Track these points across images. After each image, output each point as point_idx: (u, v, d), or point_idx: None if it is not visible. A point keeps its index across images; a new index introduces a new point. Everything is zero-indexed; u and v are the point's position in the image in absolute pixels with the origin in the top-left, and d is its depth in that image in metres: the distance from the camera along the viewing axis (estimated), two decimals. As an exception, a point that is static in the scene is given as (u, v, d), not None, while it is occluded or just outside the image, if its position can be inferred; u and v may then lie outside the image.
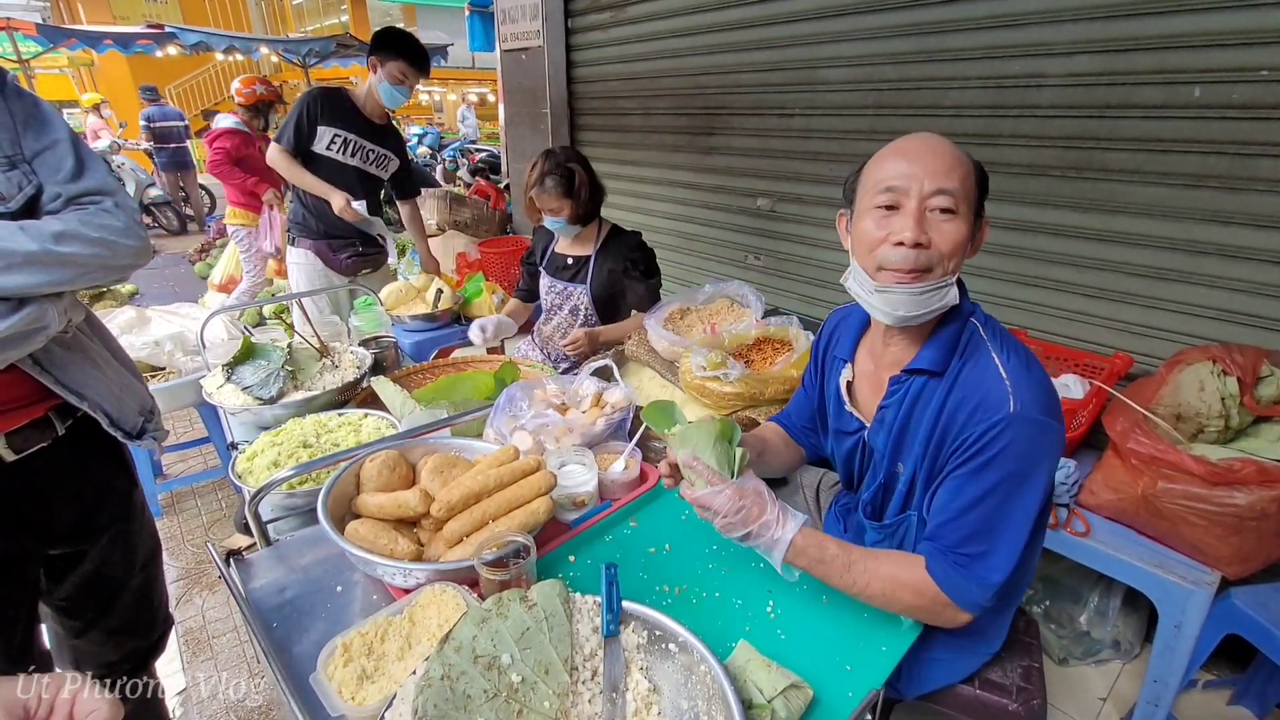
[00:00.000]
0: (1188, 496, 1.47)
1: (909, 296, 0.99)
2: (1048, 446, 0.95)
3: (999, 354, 0.99)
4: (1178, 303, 1.93)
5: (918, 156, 0.98)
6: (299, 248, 2.78)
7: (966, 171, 0.98)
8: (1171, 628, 1.55)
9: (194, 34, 7.44)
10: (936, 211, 0.96)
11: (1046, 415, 0.94)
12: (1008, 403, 0.93)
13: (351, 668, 0.86)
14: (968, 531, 0.97)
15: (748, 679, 0.87)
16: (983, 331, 1.03)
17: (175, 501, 2.80)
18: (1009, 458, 0.93)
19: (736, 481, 1.02)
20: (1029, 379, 0.96)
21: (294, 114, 2.56)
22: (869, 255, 1.02)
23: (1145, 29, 1.83)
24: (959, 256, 0.98)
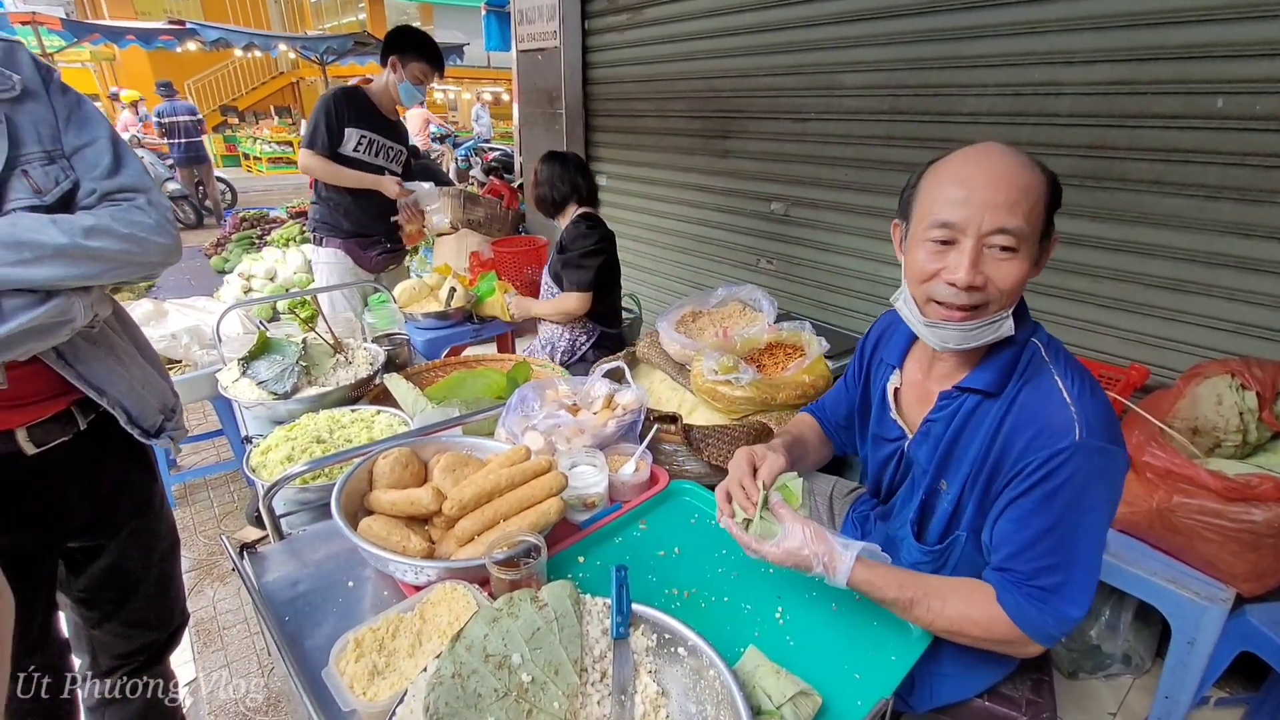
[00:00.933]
0: (1203, 512, 1.45)
1: (959, 332, 0.96)
2: (1113, 474, 0.92)
3: (1062, 378, 0.95)
4: (1196, 315, 1.91)
5: (978, 187, 0.89)
6: (328, 247, 2.81)
7: (1035, 199, 0.89)
8: (1185, 644, 1.53)
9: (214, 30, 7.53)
10: (996, 249, 0.89)
11: (1112, 443, 0.91)
12: (1073, 430, 0.89)
13: (363, 663, 0.86)
14: (1039, 563, 0.92)
15: (756, 685, 0.87)
16: (1044, 353, 0.99)
17: (188, 493, 2.83)
18: (1076, 486, 0.89)
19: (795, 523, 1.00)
20: (1093, 404, 0.92)
21: (319, 118, 2.57)
22: (919, 286, 0.97)
23: (1168, 38, 1.81)
24: (1017, 289, 0.93)
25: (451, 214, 4.31)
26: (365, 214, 2.78)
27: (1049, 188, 0.92)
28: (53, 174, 1.00)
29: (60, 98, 1.04)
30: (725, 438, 1.58)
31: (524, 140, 4.69)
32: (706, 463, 1.59)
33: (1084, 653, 1.94)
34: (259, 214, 7.19)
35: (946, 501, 1.08)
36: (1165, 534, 1.55)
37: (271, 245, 5.95)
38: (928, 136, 2.41)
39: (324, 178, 2.66)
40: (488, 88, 18.67)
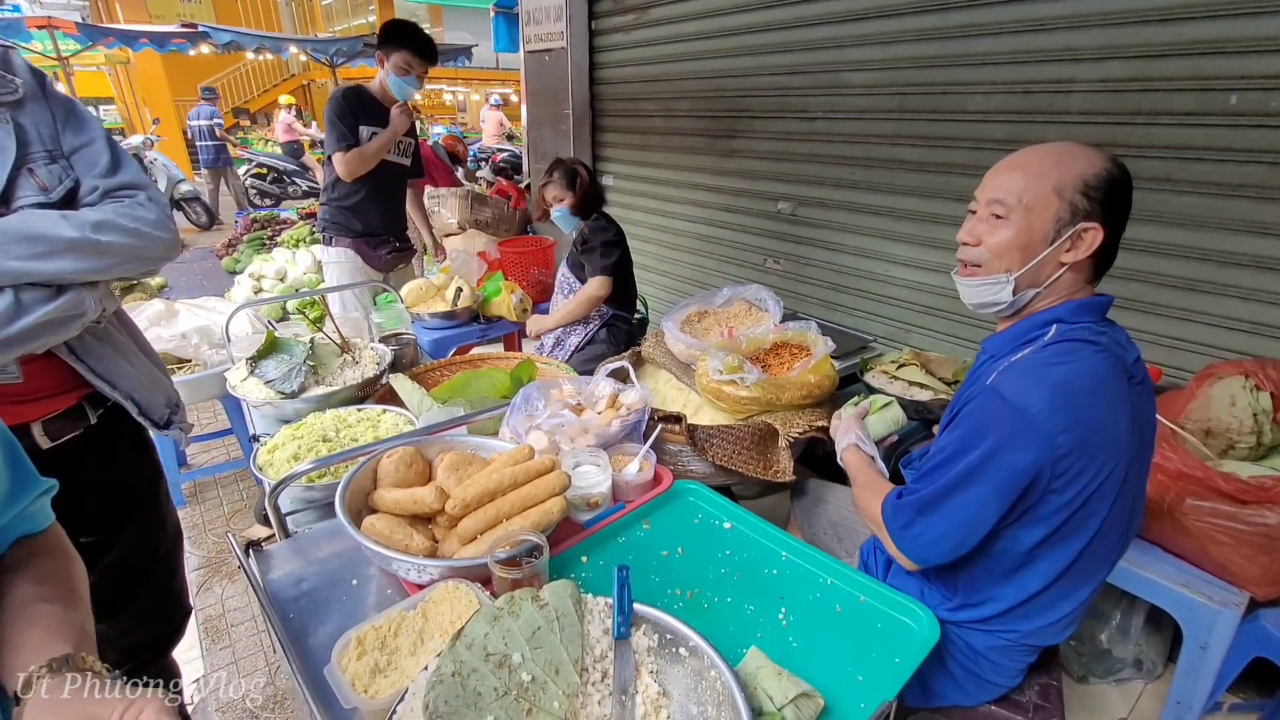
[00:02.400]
0: (1217, 514, 1.43)
1: (965, 287, 1.11)
2: (1000, 426, 0.97)
3: (1036, 349, 1.01)
4: (1210, 315, 1.88)
5: (997, 168, 1.06)
6: (337, 246, 2.82)
7: (1039, 178, 1.00)
8: (1197, 648, 1.51)
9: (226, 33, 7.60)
10: (991, 216, 1.04)
11: (1013, 398, 0.96)
12: (990, 378, 1.00)
13: (365, 661, 0.87)
14: (919, 474, 1.08)
15: (758, 686, 0.86)
16: (1054, 332, 1.02)
17: (198, 491, 2.86)
18: (965, 420, 1.02)
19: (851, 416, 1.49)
20: (1030, 372, 0.98)
21: (334, 119, 2.59)
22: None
23: (1179, 34, 1.79)
24: (1012, 255, 1.03)
25: (459, 214, 4.33)
26: (376, 213, 2.79)
27: (1083, 177, 0.98)
28: (55, 173, 1.03)
29: (56, 101, 1.06)
30: (730, 438, 1.58)
31: (532, 141, 4.71)
32: (711, 463, 1.59)
33: (1094, 657, 1.92)
34: (269, 215, 7.26)
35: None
36: (1177, 537, 1.53)
37: (282, 246, 6.00)
38: (935, 135, 2.40)
39: (362, 168, 2.64)
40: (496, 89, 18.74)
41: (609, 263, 2.52)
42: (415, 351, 2.25)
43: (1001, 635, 1.13)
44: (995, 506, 0.99)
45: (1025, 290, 1.05)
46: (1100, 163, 0.99)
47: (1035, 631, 1.13)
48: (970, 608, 1.14)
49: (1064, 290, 1.05)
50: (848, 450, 1.38)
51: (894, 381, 2.13)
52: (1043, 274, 1.03)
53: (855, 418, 1.49)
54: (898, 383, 2.12)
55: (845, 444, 1.40)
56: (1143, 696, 1.89)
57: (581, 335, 2.64)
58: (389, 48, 2.60)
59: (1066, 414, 0.93)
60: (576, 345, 2.64)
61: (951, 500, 1.02)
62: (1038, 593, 1.08)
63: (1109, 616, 1.90)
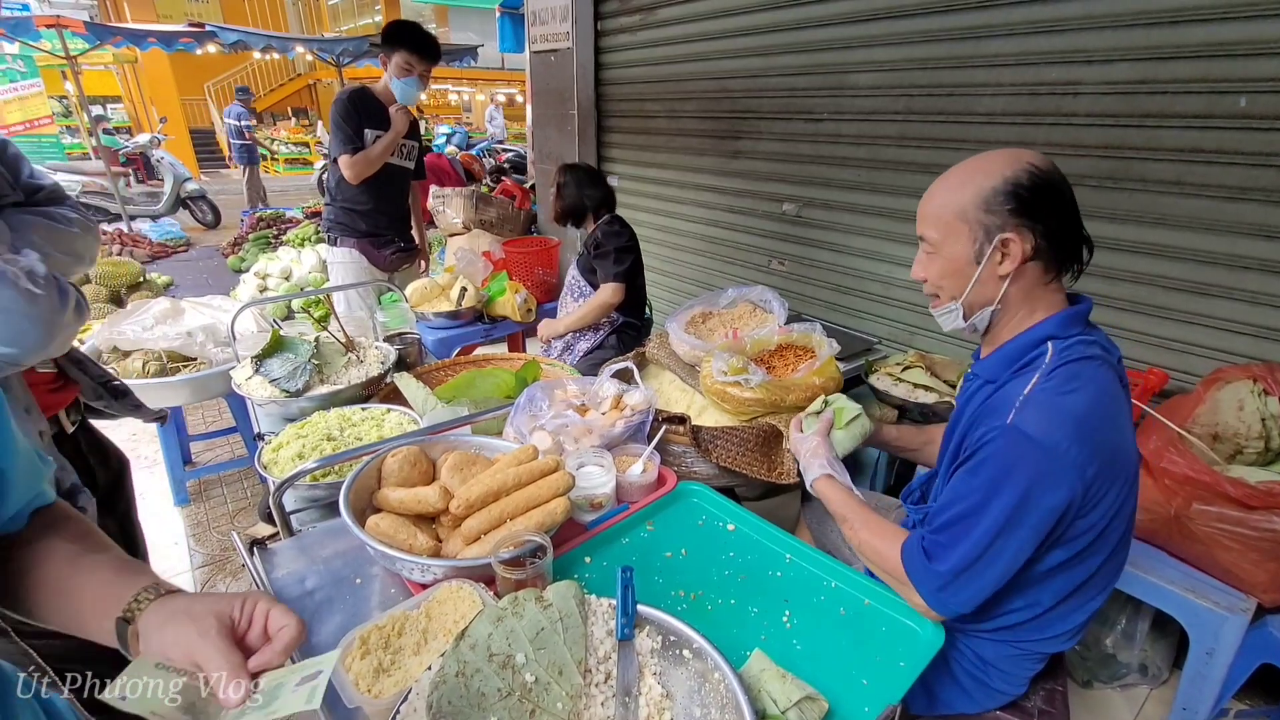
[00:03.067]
0: (1223, 519, 1.42)
1: (936, 316, 1.16)
2: (1030, 467, 0.92)
3: (1043, 376, 0.98)
4: (1218, 319, 1.87)
5: (922, 200, 1.12)
6: (342, 247, 2.82)
7: (942, 210, 1.06)
8: (1203, 654, 1.50)
9: (233, 33, 7.61)
10: (925, 253, 1.12)
11: (1040, 436, 0.92)
12: (1008, 413, 0.96)
13: (369, 660, 0.87)
14: (943, 523, 1.01)
15: (762, 689, 0.86)
16: (1051, 354, 1.01)
17: (202, 489, 2.87)
18: (991, 464, 0.97)
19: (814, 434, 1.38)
20: (1049, 400, 0.95)
21: (340, 122, 2.58)
22: None
23: (1188, 36, 1.78)
24: (949, 283, 1.09)
25: (464, 214, 4.33)
26: (380, 213, 2.80)
27: (981, 195, 1.01)
28: None
29: None
30: (734, 439, 1.57)
31: (537, 141, 4.71)
32: (714, 464, 1.58)
33: (1099, 662, 1.91)
34: (275, 214, 7.28)
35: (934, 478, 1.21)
36: (1184, 542, 1.52)
37: (287, 245, 6.02)
38: (942, 137, 2.39)
39: (368, 170, 2.65)
40: (502, 89, 18.77)
41: (622, 269, 2.51)
42: (420, 351, 2.25)
43: (1011, 645, 1.13)
44: (1031, 547, 0.96)
45: (980, 311, 1.08)
46: (1004, 172, 0.99)
47: (1045, 641, 1.12)
48: (980, 620, 1.13)
49: (1030, 300, 1.05)
50: (820, 480, 1.28)
51: (899, 384, 2.12)
52: (988, 292, 1.06)
53: (822, 438, 1.37)
54: (903, 384, 2.12)
55: (816, 474, 1.29)
56: (1148, 702, 1.88)
57: (591, 341, 2.63)
58: (390, 49, 2.59)
59: (1092, 444, 0.92)
60: (586, 350, 2.62)
61: (989, 554, 0.96)
62: (1051, 607, 1.08)
63: (1114, 621, 1.89)
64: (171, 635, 0.59)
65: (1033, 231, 1.00)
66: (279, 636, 0.61)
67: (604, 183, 2.64)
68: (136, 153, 9.34)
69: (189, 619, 0.60)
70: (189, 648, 0.58)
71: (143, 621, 0.60)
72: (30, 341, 0.94)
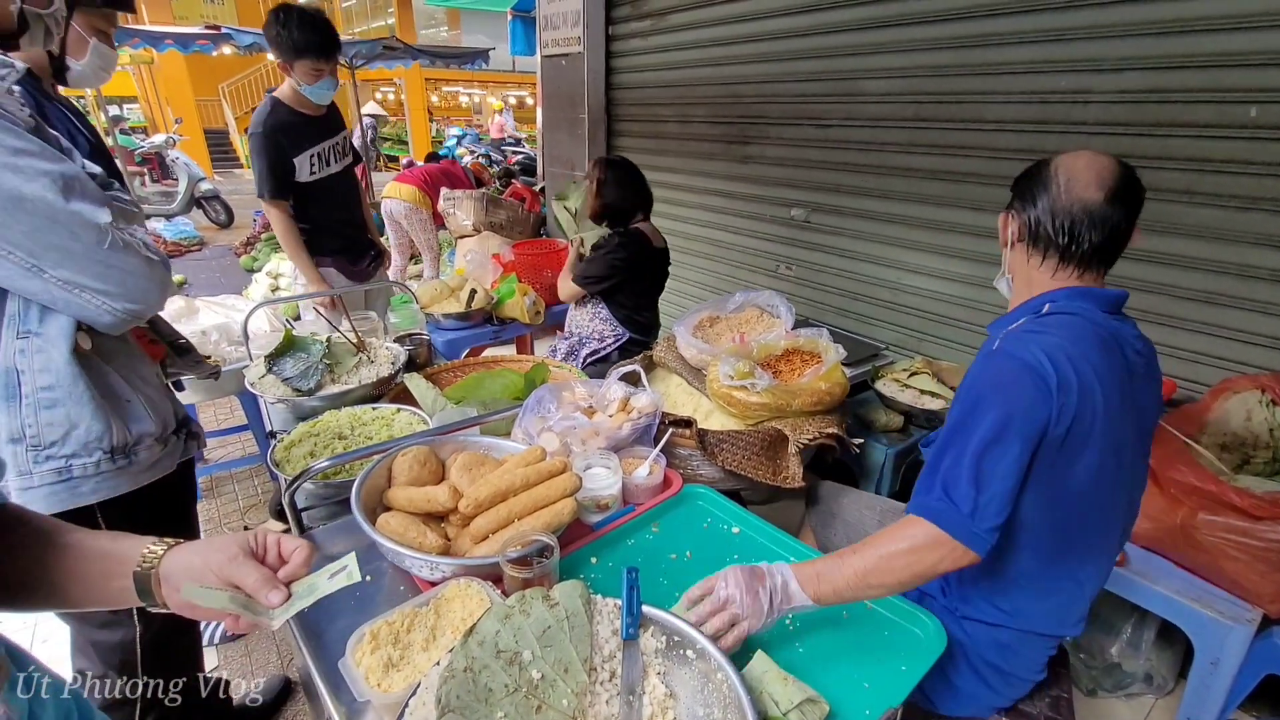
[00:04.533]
0: (1229, 530, 1.42)
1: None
2: (1009, 379, 0.99)
3: (1031, 320, 1.07)
4: (1226, 328, 1.86)
5: None
6: (321, 266, 2.60)
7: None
8: (1208, 664, 1.49)
9: (248, 35, 7.70)
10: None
11: (1017, 352, 1.00)
12: (992, 343, 1.06)
13: (378, 655, 0.88)
14: (941, 457, 1.03)
15: (764, 690, 0.87)
16: (1045, 310, 1.08)
17: (214, 486, 2.90)
18: (972, 385, 1.04)
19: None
20: (1028, 333, 1.03)
21: (264, 164, 2.33)
22: None
23: (1199, 46, 1.78)
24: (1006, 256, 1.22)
25: (474, 217, 4.37)
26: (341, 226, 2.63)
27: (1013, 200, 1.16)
28: None
29: None
30: (740, 443, 1.59)
31: (547, 144, 4.74)
32: (720, 468, 1.59)
33: (1104, 670, 1.90)
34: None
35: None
36: (1190, 551, 1.52)
37: (299, 245, 6.07)
38: (951, 144, 2.39)
39: (279, 236, 2.46)
40: (512, 92, 18.87)
41: (592, 279, 2.48)
42: (429, 352, 2.27)
43: (1010, 627, 1.13)
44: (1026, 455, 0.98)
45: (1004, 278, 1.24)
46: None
47: (1043, 617, 1.13)
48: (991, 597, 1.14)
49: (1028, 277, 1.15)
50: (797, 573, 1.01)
51: (905, 390, 2.13)
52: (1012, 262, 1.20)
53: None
54: (909, 391, 2.12)
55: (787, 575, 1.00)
56: (1153, 712, 1.88)
57: (595, 355, 2.59)
58: (286, 54, 2.27)
59: (1067, 370, 0.98)
60: (588, 358, 2.57)
61: (988, 461, 0.98)
62: (1034, 570, 1.10)
63: (1119, 630, 1.88)
64: (200, 566, 0.67)
65: (1022, 211, 1.13)
66: (296, 554, 0.72)
67: (644, 182, 2.53)
68: (152, 153, 9.46)
69: (214, 550, 0.68)
70: (221, 571, 0.67)
71: (165, 566, 0.67)
72: (152, 299, 1.12)
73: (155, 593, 0.68)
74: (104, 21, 1.56)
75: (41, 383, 1.07)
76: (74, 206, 0.98)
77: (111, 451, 1.14)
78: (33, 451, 1.09)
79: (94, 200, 1.02)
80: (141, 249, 1.09)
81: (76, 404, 1.09)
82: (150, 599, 0.68)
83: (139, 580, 0.67)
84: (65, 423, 1.09)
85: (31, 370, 1.06)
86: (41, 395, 1.07)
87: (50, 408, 1.08)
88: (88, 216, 1.00)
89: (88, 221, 1.00)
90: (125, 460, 1.17)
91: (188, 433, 1.35)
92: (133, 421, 1.18)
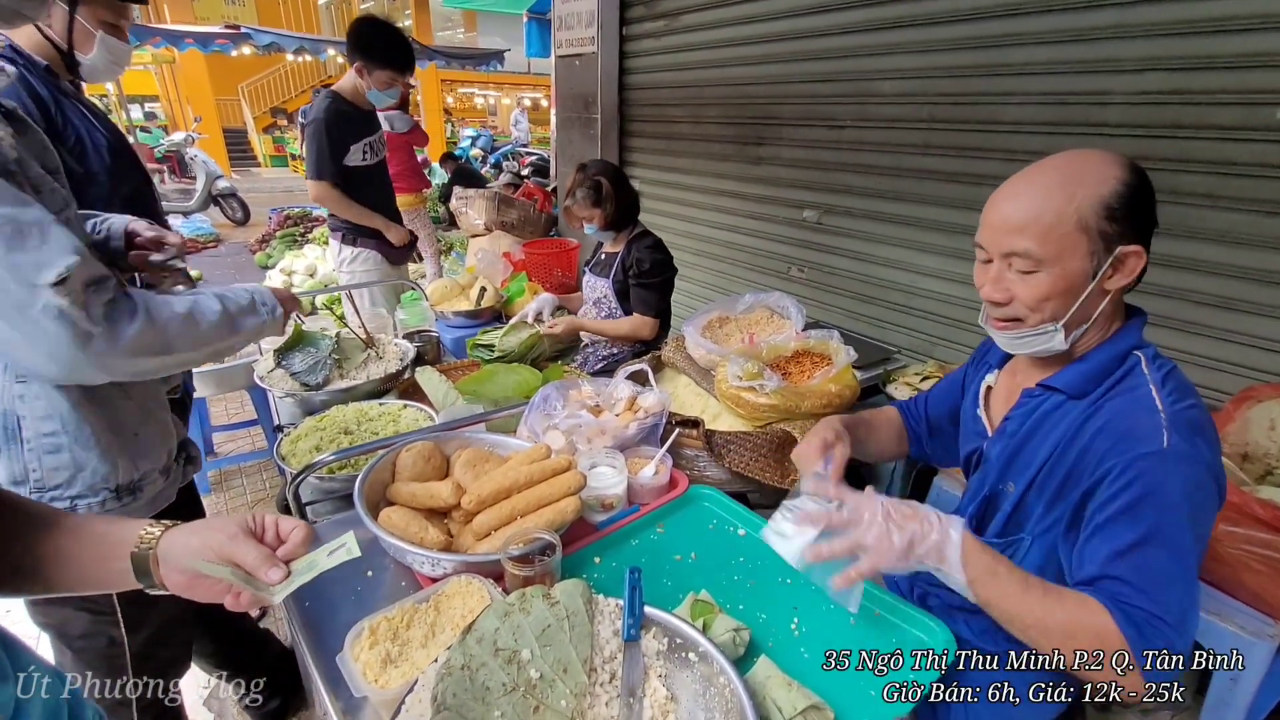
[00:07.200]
0: (1251, 542, 1.38)
1: (1006, 339, 1.01)
2: (1195, 487, 0.85)
3: (1159, 387, 0.91)
4: (1249, 335, 1.82)
5: (999, 208, 0.95)
6: (361, 249, 2.83)
7: (1054, 220, 0.89)
8: (1227, 681, 1.45)
9: (267, 35, 7.81)
10: (1017, 269, 0.94)
11: (1195, 454, 0.85)
12: (1160, 435, 0.85)
13: (377, 650, 0.87)
14: (1133, 582, 0.83)
15: (767, 696, 0.85)
16: (1145, 365, 0.95)
17: (223, 479, 2.92)
18: (1163, 498, 0.84)
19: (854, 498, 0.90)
20: (1188, 415, 0.88)
21: (320, 146, 2.53)
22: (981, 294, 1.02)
23: (1223, 46, 1.74)
24: (1054, 304, 0.93)
25: (486, 216, 4.38)
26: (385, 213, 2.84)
27: (1102, 200, 0.88)
28: None
29: None
30: (747, 445, 1.57)
31: (560, 145, 4.75)
32: (727, 469, 1.57)
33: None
34: (302, 212, 7.42)
35: (1008, 502, 1.04)
36: (1209, 564, 1.48)
37: (313, 243, 6.13)
38: (967, 145, 2.36)
39: (339, 211, 2.69)
40: (527, 93, 18.96)
41: (665, 305, 2.37)
42: (438, 349, 2.27)
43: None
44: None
45: (1076, 329, 0.96)
46: (1112, 174, 0.89)
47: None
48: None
49: (1115, 312, 0.99)
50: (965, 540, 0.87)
51: (917, 394, 2.10)
52: (1090, 309, 0.94)
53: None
54: (921, 395, 2.09)
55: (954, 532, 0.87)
56: (1169, 728, 1.83)
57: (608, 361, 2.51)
58: (372, 63, 2.50)
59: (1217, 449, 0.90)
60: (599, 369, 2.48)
61: (1189, 582, 0.84)
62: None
63: (1135, 643, 1.84)
64: (199, 545, 0.68)
65: (1143, 242, 0.91)
66: (294, 535, 0.74)
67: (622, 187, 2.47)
68: (172, 151, 9.59)
69: (213, 530, 0.70)
70: (220, 550, 0.68)
71: (164, 546, 0.68)
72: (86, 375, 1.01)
73: (153, 573, 0.68)
74: (112, 14, 1.56)
75: (45, 429, 1.04)
76: (14, 259, 0.86)
77: (117, 490, 1.12)
78: (37, 493, 1.06)
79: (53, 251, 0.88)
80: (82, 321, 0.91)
81: (83, 448, 1.07)
82: (148, 580, 0.68)
83: (137, 561, 0.68)
84: (70, 466, 1.07)
85: (33, 416, 1.03)
86: (44, 440, 1.04)
87: (54, 452, 1.05)
88: (25, 273, 0.87)
89: (24, 278, 0.87)
90: (130, 498, 1.15)
91: (186, 456, 1.33)
92: (140, 457, 1.16)
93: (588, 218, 2.33)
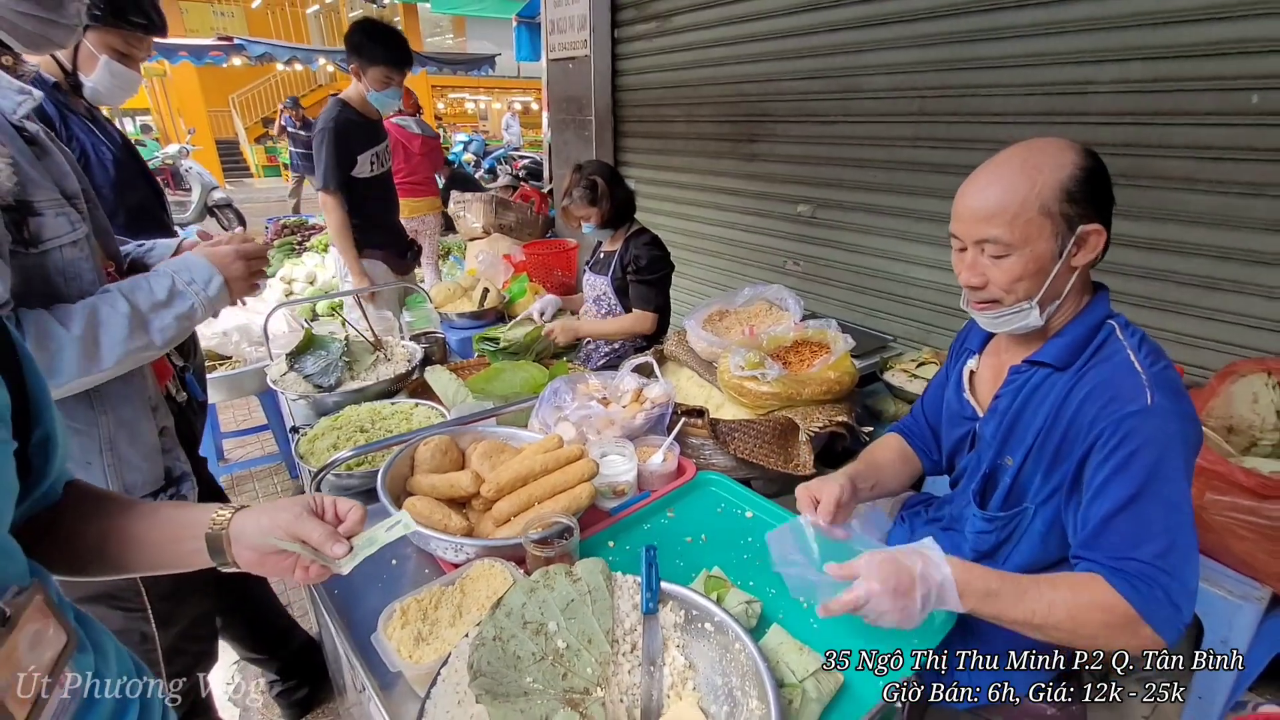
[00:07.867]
0: (1237, 509, 1.43)
1: (987, 319, 1.10)
2: (1188, 443, 0.93)
3: (1135, 351, 1.00)
4: (1231, 313, 1.88)
5: (968, 201, 1.03)
6: (368, 259, 2.81)
7: (1020, 207, 0.97)
8: (1217, 642, 1.51)
9: (259, 45, 7.84)
10: (989, 254, 1.02)
11: (1185, 410, 0.94)
12: (1144, 394, 0.93)
13: (408, 630, 0.92)
14: (1130, 537, 0.90)
15: (780, 660, 0.90)
16: (1120, 332, 1.03)
17: (235, 484, 2.97)
18: (1153, 453, 0.90)
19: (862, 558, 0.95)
20: (1165, 375, 0.96)
21: (330, 155, 2.53)
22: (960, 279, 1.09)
23: (1201, 35, 1.80)
24: (1026, 283, 1.01)
25: (484, 219, 4.42)
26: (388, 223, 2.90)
27: (1061, 184, 0.96)
28: None
29: None
30: (751, 431, 1.62)
31: (555, 147, 4.79)
32: (733, 456, 1.63)
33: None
34: (299, 221, 7.43)
35: (1008, 475, 1.11)
36: (1198, 531, 1.53)
37: (311, 250, 6.15)
38: (956, 137, 2.42)
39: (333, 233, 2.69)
40: (518, 97, 18.99)
41: (664, 300, 2.45)
42: (444, 350, 2.32)
43: None
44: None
45: (1049, 305, 1.04)
46: (1068, 159, 0.98)
47: None
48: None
49: (1084, 286, 1.07)
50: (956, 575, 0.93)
51: (914, 380, 2.15)
52: (1060, 286, 1.03)
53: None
54: (917, 381, 2.15)
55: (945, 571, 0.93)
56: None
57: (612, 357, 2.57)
58: (364, 63, 2.52)
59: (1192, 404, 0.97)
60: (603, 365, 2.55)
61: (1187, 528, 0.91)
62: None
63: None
64: (269, 524, 0.74)
65: (1102, 220, 0.99)
66: (351, 514, 0.80)
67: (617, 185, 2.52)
68: (167, 163, 9.60)
69: (280, 510, 0.76)
70: (288, 528, 0.74)
71: (235, 527, 0.74)
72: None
73: (227, 552, 0.74)
74: (122, 43, 1.57)
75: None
76: None
77: None
78: None
79: None
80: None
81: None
82: (221, 558, 0.74)
83: (211, 541, 0.73)
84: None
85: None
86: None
87: None
88: None
89: None
90: None
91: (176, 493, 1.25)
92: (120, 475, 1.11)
93: (585, 216, 2.39)
